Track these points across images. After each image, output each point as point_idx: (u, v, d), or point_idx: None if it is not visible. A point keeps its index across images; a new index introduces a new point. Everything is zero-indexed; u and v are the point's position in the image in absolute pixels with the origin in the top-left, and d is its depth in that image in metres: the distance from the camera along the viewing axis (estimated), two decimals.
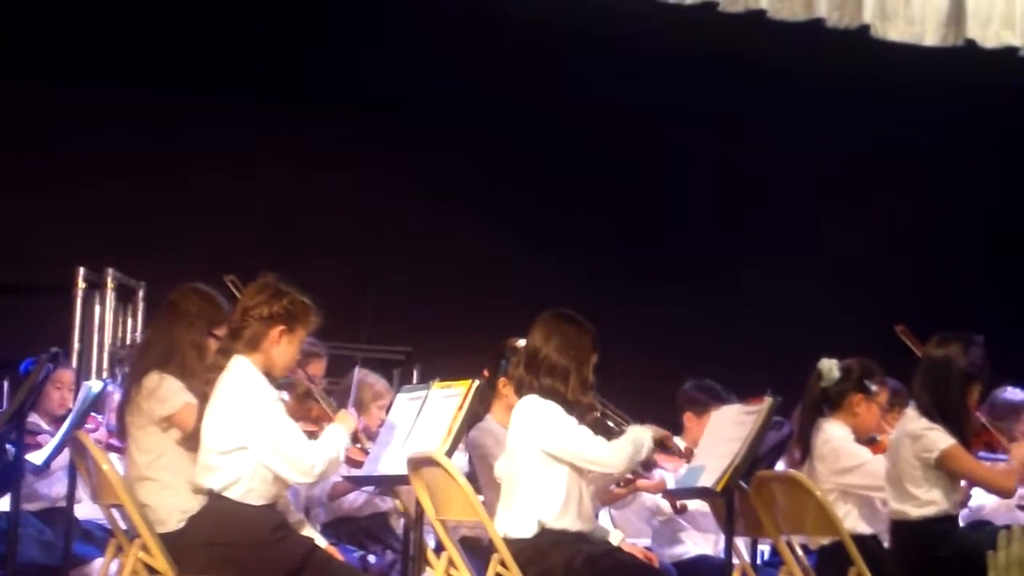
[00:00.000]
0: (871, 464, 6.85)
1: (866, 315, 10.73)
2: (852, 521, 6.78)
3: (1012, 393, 8.01)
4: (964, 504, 7.03)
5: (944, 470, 6.61)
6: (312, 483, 5.97)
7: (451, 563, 6.10)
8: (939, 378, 6.69)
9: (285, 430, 5.77)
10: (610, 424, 6.41)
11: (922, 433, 6.63)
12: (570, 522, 6.09)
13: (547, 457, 6.08)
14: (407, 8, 10.09)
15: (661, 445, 6.26)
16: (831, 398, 7.00)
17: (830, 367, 6.98)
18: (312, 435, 6.36)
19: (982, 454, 7.09)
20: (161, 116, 10.41)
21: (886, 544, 6.82)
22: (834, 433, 6.93)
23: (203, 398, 5.88)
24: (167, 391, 6.07)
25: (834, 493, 6.78)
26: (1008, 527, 4.24)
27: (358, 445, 6.57)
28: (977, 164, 11.32)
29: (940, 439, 6.59)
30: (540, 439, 6.08)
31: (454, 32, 10.19)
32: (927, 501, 6.63)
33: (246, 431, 5.74)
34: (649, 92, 10.64)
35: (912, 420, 6.70)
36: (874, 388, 7.01)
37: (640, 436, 6.15)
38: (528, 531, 6.06)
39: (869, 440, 7.13)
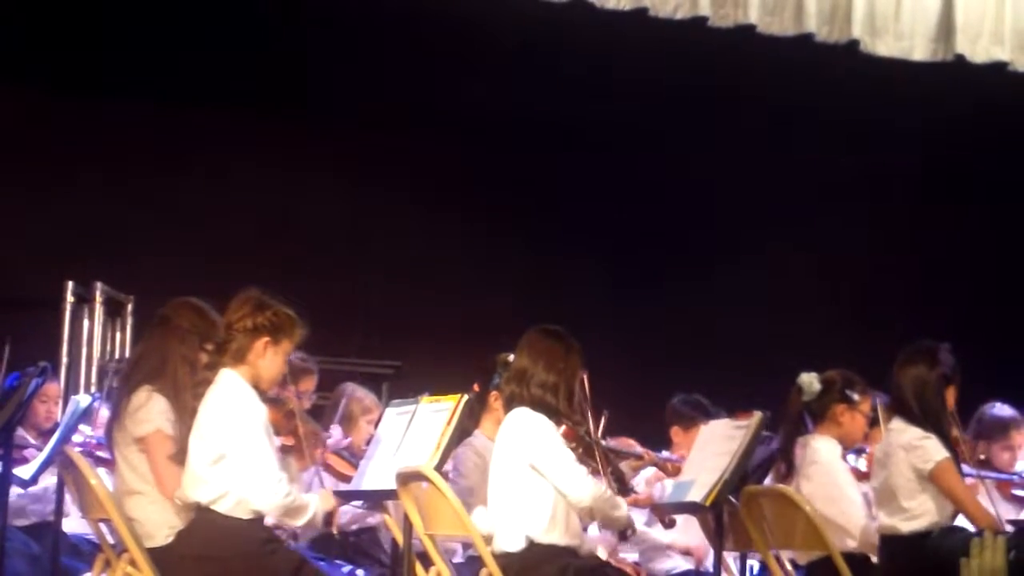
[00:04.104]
0: (852, 509, 6.78)
1: (854, 330, 10.74)
2: None
3: (1000, 409, 8.00)
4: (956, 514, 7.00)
5: (934, 483, 6.60)
6: (272, 508, 5.83)
7: None
8: (918, 387, 6.68)
9: (261, 448, 5.75)
10: (593, 449, 6.36)
11: (919, 444, 6.61)
12: (558, 536, 6.08)
13: (532, 471, 6.07)
14: (402, 23, 10.08)
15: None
16: (814, 411, 6.97)
17: (810, 381, 6.95)
18: (291, 450, 6.36)
19: (983, 472, 7.06)
20: (151, 129, 10.38)
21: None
22: (822, 454, 6.89)
23: (192, 413, 5.89)
24: (146, 412, 6.01)
25: None
26: (980, 534, 4.22)
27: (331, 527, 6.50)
28: (967, 179, 11.32)
29: (935, 451, 6.58)
30: (527, 452, 6.07)
31: (447, 47, 10.19)
32: (919, 513, 6.61)
33: (226, 440, 5.73)
34: (642, 106, 10.63)
35: (903, 431, 6.68)
36: (856, 397, 6.99)
37: (627, 512, 6.20)
38: (516, 545, 6.05)
39: (857, 451, 7.12)
